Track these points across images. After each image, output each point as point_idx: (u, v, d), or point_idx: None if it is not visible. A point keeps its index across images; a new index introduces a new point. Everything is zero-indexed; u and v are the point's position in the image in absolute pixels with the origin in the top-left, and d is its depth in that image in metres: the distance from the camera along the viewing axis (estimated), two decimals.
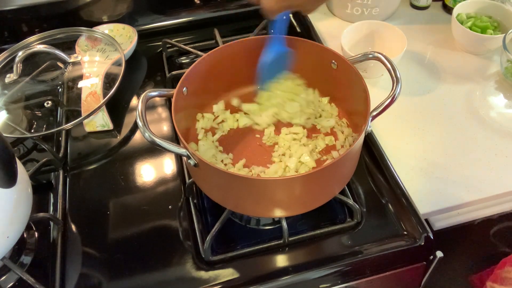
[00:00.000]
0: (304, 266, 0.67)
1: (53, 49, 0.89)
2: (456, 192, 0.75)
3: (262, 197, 0.65)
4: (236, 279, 0.66)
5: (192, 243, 0.70)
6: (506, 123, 0.85)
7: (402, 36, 0.91)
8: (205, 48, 0.96)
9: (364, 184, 0.77)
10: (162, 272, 0.68)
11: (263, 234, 0.72)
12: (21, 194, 0.64)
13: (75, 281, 0.68)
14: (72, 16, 1.00)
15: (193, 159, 0.62)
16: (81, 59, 0.92)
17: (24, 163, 0.84)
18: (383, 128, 0.84)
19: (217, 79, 0.79)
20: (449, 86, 0.92)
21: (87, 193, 0.78)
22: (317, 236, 0.71)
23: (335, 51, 0.73)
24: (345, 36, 0.93)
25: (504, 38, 0.88)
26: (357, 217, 0.71)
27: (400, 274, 0.72)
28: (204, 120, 0.79)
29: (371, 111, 0.65)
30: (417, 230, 0.69)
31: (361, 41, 0.96)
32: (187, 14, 1.06)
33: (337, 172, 0.66)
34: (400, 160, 0.79)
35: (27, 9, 0.97)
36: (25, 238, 0.73)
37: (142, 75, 0.98)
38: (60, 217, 0.75)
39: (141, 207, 0.75)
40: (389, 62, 0.67)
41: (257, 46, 0.77)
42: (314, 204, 0.68)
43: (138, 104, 0.62)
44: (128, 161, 0.82)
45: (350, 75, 0.70)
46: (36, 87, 0.92)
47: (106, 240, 0.72)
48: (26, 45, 0.91)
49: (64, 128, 0.84)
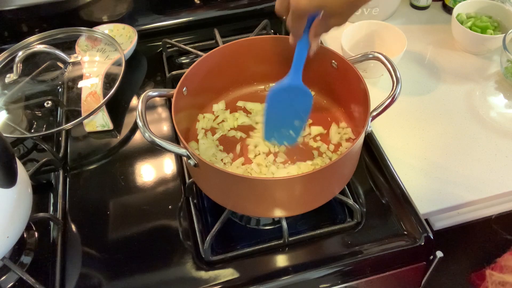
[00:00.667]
0: (304, 266, 0.67)
1: (53, 49, 0.89)
2: (456, 192, 0.75)
3: (262, 197, 0.65)
4: (236, 279, 0.66)
5: (192, 243, 0.70)
6: (506, 123, 0.85)
7: (402, 36, 0.91)
8: (205, 48, 0.96)
9: (364, 184, 0.77)
10: (162, 272, 0.68)
11: (263, 234, 0.72)
12: (21, 194, 0.64)
13: (75, 281, 0.68)
14: (72, 16, 1.00)
15: (193, 159, 0.62)
16: (81, 59, 0.92)
17: (24, 163, 0.84)
18: (383, 128, 0.84)
19: (217, 79, 0.79)
20: (449, 86, 0.92)
21: (87, 193, 0.78)
22: (317, 236, 0.71)
23: (335, 51, 0.73)
24: (345, 36, 0.93)
25: (504, 38, 0.88)
26: (357, 217, 0.71)
27: (400, 274, 0.72)
28: (204, 120, 0.79)
29: (371, 111, 0.65)
30: (417, 230, 0.69)
31: (361, 41, 0.96)
32: (187, 14, 1.06)
33: (337, 172, 0.66)
34: (400, 160, 0.79)
35: (27, 9, 0.97)
36: (25, 238, 0.73)
37: (142, 75, 0.98)
38: (60, 217, 0.75)
39: (141, 207, 0.75)
40: (389, 62, 0.67)
41: (257, 46, 0.77)
42: (314, 204, 0.68)
43: (138, 104, 0.62)
44: (128, 161, 0.82)
45: (350, 75, 0.70)
46: (36, 87, 0.92)
47: (106, 240, 0.72)
48: (26, 45, 0.91)
49: (64, 128, 0.84)
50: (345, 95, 0.76)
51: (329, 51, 0.73)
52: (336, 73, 0.74)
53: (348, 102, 0.77)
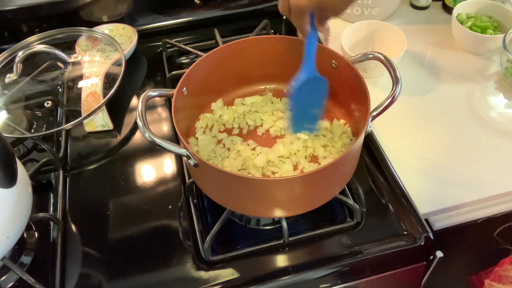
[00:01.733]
0: (304, 266, 0.67)
1: (53, 49, 0.89)
2: (456, 192, 0.75)
3: (262, 197, 0.65)
4: (236, 279, 0.66)
5: (192, 243, 0.70)
6: (506, 123, 0.85)
7: (402, 36, 0.91)
8: (205, 48, 0.96)
9: (364, 184, 0.77)
10: (162, 272, 0.68)
11: (263, 234, 0.72)
12: (21, 194, 0.64)
13: (75, 281, 0.68)
14: (72, 16, 1.00)
15: (193, 159, 0.62)
16: (81, 59, 0.92)
17: (24, 163, 0.84)
18: (383, 128, 0.84)
19: (217, 79, 0.79)
20: (449, 86, 0.92)
21: (87, 193, 0.78)
22: (317, 236, 0.71)
23: (335, 51, 0.73)
24: (345, 36, 0.93)
25: (504, 38, 0.88)
26: (357, 217, 0.71)
27: (400, 274, 0.72)
28: (204, 120, 0.79)
29: (371, 111, 0.65)
30: (417, 230, 0.69)
31: (361, 41, 0.96)
32: (187, 14, 1.06)
33: (337, 172, 0.66)
34: (400, 160, 0.79)
35: (27, 9, 0.97)
36: (25, 238, 0.73)
37: (142, 75, 0.98)
38: (60, 217, 0.75)
39: (141, 207, 0.75)
40: (389, 62, 0.67)
41: (257, 46, 0.77)
42: (314, 204, 0.68)
43: (138, 104, 0.62)
44: (128, 161, 0.82)
45: (350, 75, 0.70)
46: (36, 87, 0.92)
47: (106, 240, 0.72)
48: (26, 45, 0.91)
49: (64, 128, 0.84)
50: (345, 95, 0.76)
51: (329, 51, 0.73)
52: (336, 73, 0.74)
53: (348, 102, 0.77)
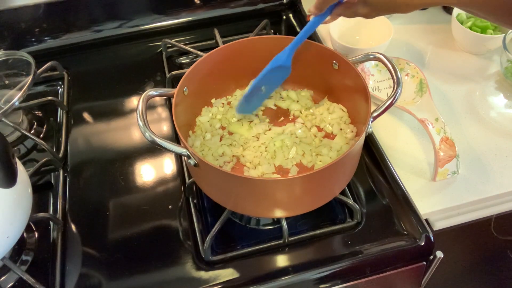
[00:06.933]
0: (304, 266, 0.67)
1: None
2: (456, 192, 0.75)
3: (262, 197, 0.65)
4: (236, 279, 0.66)
5: (192, 243, 0.70)
6: (506, 123, 0.85)
7: (388, 24, 0.93)
8: (205, 48, 0.96)
9: (364, 184, 0.77)
10: (162, 272, 0.68)
11: (263, 234, 0.72)
12: (21, 194, 0.64)
13: (75, 281, 0.67)
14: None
15: (193, 159, 0.62)
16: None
17: (24, 163, 0.83)
18: (383, 129, 0.84)
19: (218, 79, 0.79)
20: (449, 86, 0.92)
21: (87, 193, 0.78)
22: (317, 236, 0.71)
23: (336, 51, 0.73)
24: (333, 25, 0.94)
25: (504, 38, 0.88)
26: (357, 217, 0.71)
27: (400, 274, 0.72)
28: (204, 119, 0.79)
29: (371, 112, 0.65)
30: (417, 230, 0.69)
31: (349, 30, 0.97)
32: (187, 14, 1.06)
33: (338, 172, 0.66)
34: (400, 160, 0.79)
35: (27, 9, 0.97)
36: (25, 238, 0.73)
37: (142, 75, 0.98)
38: (60, 217, 0.75)
39: (141, 207, 0.75)
40: (390, 62, 0.67)
41: (257, 46, 0.77)
42: (314, 205, 0.68)
43: (138, 104, 0.62)
44: (128, 161, 0.82)
45: (351, 75, 0.70)
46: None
47: (106, 240, 0.72)
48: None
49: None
50: (346, 95, 0.76)
51: (330, 52, 0.73)
52: (336, 73, 0.74)
53: (349, 102, 0.77)
